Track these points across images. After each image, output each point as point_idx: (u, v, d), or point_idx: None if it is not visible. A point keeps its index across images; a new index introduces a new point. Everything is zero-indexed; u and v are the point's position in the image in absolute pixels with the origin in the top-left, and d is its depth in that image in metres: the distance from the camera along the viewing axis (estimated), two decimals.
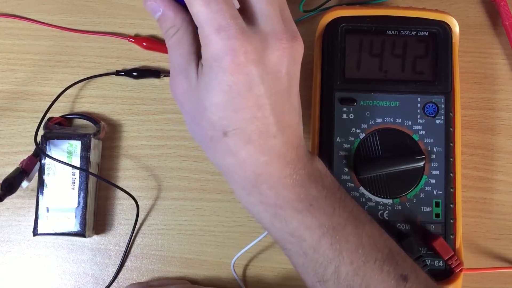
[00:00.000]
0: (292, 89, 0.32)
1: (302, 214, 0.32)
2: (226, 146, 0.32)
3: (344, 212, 0.33)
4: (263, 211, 0.33)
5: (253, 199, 0.33)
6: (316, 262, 0.33)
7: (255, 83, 0.30)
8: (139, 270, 0.46)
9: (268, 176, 0.32)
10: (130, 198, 0.45)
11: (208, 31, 0.29)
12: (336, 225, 0.32)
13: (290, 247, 0.34)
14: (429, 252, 0.41)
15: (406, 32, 0.43)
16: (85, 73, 0.48)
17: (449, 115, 0.42)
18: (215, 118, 0.31)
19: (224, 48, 0.29)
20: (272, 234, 0.34)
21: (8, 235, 0.46)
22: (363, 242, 0.33)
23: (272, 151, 0.32)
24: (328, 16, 0.43)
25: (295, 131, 0.33)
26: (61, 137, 0.44)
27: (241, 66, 0.29)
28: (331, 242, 0.32)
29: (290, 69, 0.32)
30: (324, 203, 0.33)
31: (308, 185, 0.33)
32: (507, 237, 0.45)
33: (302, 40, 0.33)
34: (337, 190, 0.34)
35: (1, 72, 0.48)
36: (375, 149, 0.41)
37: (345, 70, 0.43)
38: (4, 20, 0.49)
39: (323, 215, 0.32)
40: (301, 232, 0.32)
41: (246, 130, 0.31)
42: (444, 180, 0.41)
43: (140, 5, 0.49)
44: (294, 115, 0.33)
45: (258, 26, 0.31)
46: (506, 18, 0.47)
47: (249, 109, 0.30)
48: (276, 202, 0.32)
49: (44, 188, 0.43)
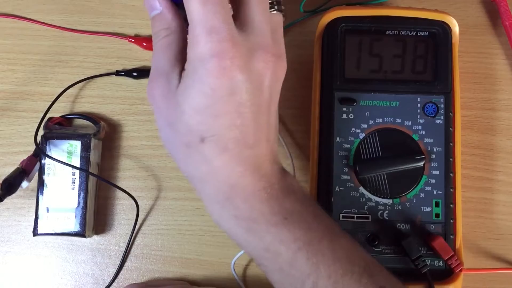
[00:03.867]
0: (271, 105, 0.32)
1: (276, 227, 0.32)
2: (201, 153, 0.31)
3: (319, 226, 0.33)
4: (237, 226, 0.33)
5: (226, 213, 0.32)
6: (293, 277, 0.32)
7: (238, 89, 0.30)
8: (139, 270, 0.46)
9: (242, 189, 0.32)
10: (130, 198, 0.45)
11: (199, 31, 0.29)
12: (311, 239, 0.32)
13: (266, 263, 0.33)
14: (429, 252, 0.40)
15: (406, 32, 0.43)
16: (85, 73, 0.48)
17: (449, 115, 0.42)
18: (193, 122, 0.30)
19: (212, 50, 0.29)
20: (246, 251, 0.34)
21: (8, 235, 0.46)
22: (340, 256, 0.32)
23: (248, 162, 0.31)
24: (328, 16, 0.43)
25: (271, 146, 0.33)
26: (61, 137, 0.44)
27: (227, 70, 0.29)
28: (308, 256, 0.32)
29: (272, 84, 0.32)
30: (298, 217, 0.32)
31: (282, 199, 0.32)
32: (507, 237, 0.45)
33: (286, 63, 0.33)
34: (311, 204, 0.34)
35: (1, 72, 0.48)
36: (375, 149, 0.41)
37: (345, 70, 0.43)
38: (4, 20, 0.49)
39: (298, 229, 0.32)
40: (276, 246, 0.32)
41: (223, 137, 0.30)
42: (444, 180, 0.41)
43: (140, 5, 0.49)
44: (271, 131, 0.33)
45: (248, 35, 0.31)
46: (506, 18, 0.47)
47: (229, 115, 0.30)
48: (250, 216, 0.32)
49: (44, 188, 0.43)
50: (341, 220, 0.41)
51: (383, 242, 0.41)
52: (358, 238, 0.41)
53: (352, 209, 0.41)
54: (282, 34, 0.33)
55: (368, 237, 0.41)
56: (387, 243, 0.41)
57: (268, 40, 0.31)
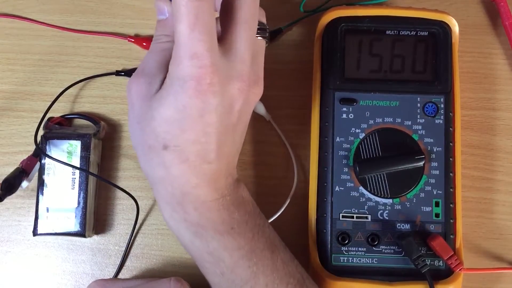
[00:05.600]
0: (238, 126, 0.34)
1: (223, 235, 0.34)
2: (161, 159, 0.32)
3: (262, 238, 0.35)
4: (184, 229, 0.34)
5: (176, 215, 0.34)
6: (232, 282, 0.34)
7: (209, 112, 0.31)
8: (139, 270, 0.46)
9: (195, 198, 0.33)
10: (130, 198, 0.45)
11: (182, 53, 0.30)
12: (254, 249, 0.34)
13: (208, 266, 0.35)
14: (429, 252, 0.40)
15: (406, 32, 0.43)
16: (85, 73, 0.48)
17: (449, 115, 0.42)
18: (160, 130, 0.32)
19: (191, 74, 0.30)
20: (190, 252, 0.36)
21: (8, 235, 0.46)
22: (278, 267, 0.35)
23: (204, 176, 0.33)
24: (328, 16, 0.43)
25: (230, 162, 0.35)
26: (61, 137, 0.44)
27: (202, 93, 0.30)
28: (249, 264, 0.34)
29: (243, 108, 0.33)
30: (245, 228, 0.34)
31: (232, 210, 0.34)
32: (507, 237, 0.45)
33: (263, 84, 0.35)
34: (258, 216, 0.36)
35: (1, 72, 0.48)
36: (375, 149, 0.41)
37: (345, 70, 0.43)
38: (4, 20, 0.49)
39: (243, 238, 0.34)
40: (220, 252, 0.34)
41: (186, 149, 0.32)
42: (444, 180, 0.41)
43: (140, 5, 0.49)
44: (233, 148, 0.35)
45: (229, 62, 0.32)
46: (506, 18, 0.47)
47: (196, 132, 0.31)
48: (199, 222, 0.33)
49: (44, 188, 0.43)
50: (341, 219, 0.41)
51: (383, 242, 0.41)
52: (358, 238, 0.41)
53: (352, 209, 0.41)
54: (262, 60, 0.35)
55: (368, 237, 0.41)
56: (387, 243, 0.41)
57: (247, 68, 0.33)
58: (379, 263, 0.41)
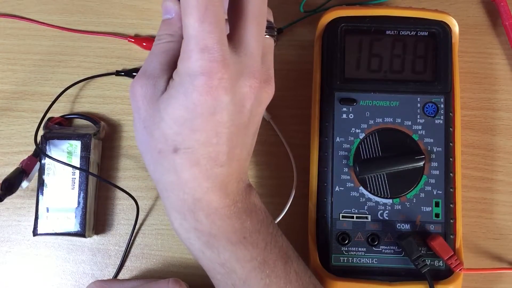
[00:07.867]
0: (250, 127, 0.33)
1: (235, 246, 0.33)
2: (172, 163, 0.31)
3: (275, 248, 0.34)
4: (195, 238, 0.33)
5: (186, 224, 0.33)
6: None
7: (220, 110, 0.30)
8: (139, 270, 0.46)
9: (207, 204, 0.32)
10: (130, 198, 0.45)
11: (192, 47, 0.29)
12: (267, 260, 0.33)
13: (219, 278, 0.34)
14: (429, 252, 0.40)
15: (406, 32, 0.43)
16: (85, 73, 0.48)
17: (449, 115, 0.42)
18: (170, 132, 0.31)
19: (202, 68, 0.29)
20: (201, 262, 0.34)
21: (8, 235, 0.46)
22: (291, 278, 0.34)
23: (216, 180, 0.32)
24: (328, 16, 0.43)
25: (241, 165, 0.33)
26: (61, 137, 0.44)
27: (213, 89, 0.29)
28: (261, 276, 0.33)
29: (254, 108, 0.32)
30: (257, 237, 0.33)
31: (244, 218, 0.33)
32: (507, 237, 0.45)
33: (274, 86, 0.33)
34: (270, 225, 0.35)
35: (1, 72, 0.48)
36: (375, 149, 0.41)
37: (345, 70, 0.43)
38: (4, 20, 0.49)
39: (256, 248, 0.33)
40: (232, 263, 0.33)
41: (197, 152, 0.31)
42: (444, 180, 0.41)
43: (140, 5, 0.49)
44: (244, 150, 0.33)
45: (240, 58, 0.31)
46: (506, 18, 0.47)
47: (207, 132, 0.30)
48: (211, 231, 0.32)
49: (44, 188, 0.43)
50: (341, 220, 0.41)
51: (383, 242, 0.41)
52: (358, 238, 0.41)
53: (352, 209, 0.41)
54: (272, 59, 0.34)
55: (368, 237, 0.41)
56: (387, 243, 0.41)
57: (258, 65, 0.32)
58: (379, 263, 0.41)
